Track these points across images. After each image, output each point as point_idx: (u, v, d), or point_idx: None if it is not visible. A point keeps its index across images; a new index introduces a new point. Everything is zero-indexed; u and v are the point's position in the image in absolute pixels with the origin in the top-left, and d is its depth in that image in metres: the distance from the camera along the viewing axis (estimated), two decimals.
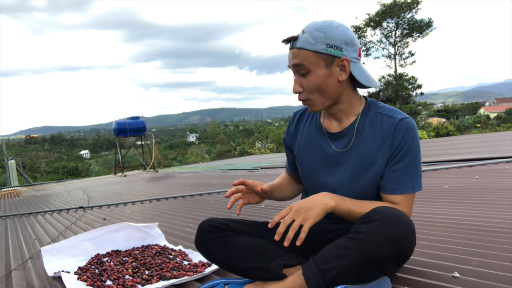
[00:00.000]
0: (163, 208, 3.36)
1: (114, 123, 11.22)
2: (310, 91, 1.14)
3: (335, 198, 1.10)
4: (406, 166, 1.12)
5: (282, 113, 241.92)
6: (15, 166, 13.95)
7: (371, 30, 24.86)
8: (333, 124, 1.23)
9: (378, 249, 0.93)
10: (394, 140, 1.12)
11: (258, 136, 32.64)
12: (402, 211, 1.01)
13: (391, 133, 1.13)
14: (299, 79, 1.14)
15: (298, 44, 1.11)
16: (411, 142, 1.12)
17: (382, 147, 1.14)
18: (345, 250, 0.97)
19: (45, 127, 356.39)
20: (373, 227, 0.96)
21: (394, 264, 0.99)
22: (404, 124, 1.12)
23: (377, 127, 1.15)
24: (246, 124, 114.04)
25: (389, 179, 1.14)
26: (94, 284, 1.39)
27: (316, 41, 1.09)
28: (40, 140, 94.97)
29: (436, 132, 18.23)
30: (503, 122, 33.97)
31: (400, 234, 0.95)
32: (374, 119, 1.17)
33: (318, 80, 1.12)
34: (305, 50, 1.10)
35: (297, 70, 1.13)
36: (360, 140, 1.17)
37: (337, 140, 1.21)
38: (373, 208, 1.03)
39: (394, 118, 1.14)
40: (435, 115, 44.36)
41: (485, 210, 2.02)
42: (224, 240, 1.17)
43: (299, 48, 1.11)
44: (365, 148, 1.16)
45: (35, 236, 2.64)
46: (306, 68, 1.11)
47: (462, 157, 4.84)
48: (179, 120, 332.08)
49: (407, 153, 1.12)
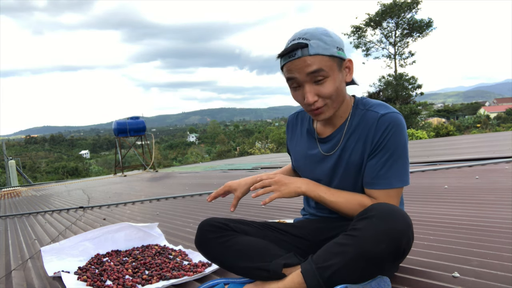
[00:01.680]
0: (163, 208, 3.36)
1: (114, 123, 11.22)
2: (327, 97, 1.11)
3: (310, 185, 1.17)
4: (384, 162, 1.12)
5: (282, 113, 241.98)
6: (15, 166, 13.95)
7: (371, 30, 24.87)
8: (326, 128, 1.24)
9: (375, 246, 0.93)
10: (374, 135, 1.13)
11: (258, 136, 32.65)
12: (398, 206, 1.02)
13: (373, 128, 1.13)
14: (313, 87, 1.10)
15: (312, 51, 1.07)
16: (392, 138, 1.10)
17: (365, 144, 1.15)
18: (343, 247, 0.97)
19: (45, 127, 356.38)
20: (369, 224, 0.96)
21: (393, 259, 0.99)
22: (386, 119, 1.11)
23: (363, 124, 1.16)
24: (246, 124, 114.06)
25: (367, 173, 1.15)
26: (94, 284, 1.39)
27: (329, 45, 1.09)
28: (40, 140, 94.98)
29: (436, 132, 18.23)
30: (503, 122, 33.98)
31: (397, 230, 0.95)
32: (362, 116, 1.18)
33: (336, 84, 1.11)
34: (320, 56, 1.07)
35: (312, 77, 1.09)
36: (347, 142, 1.18)
37: (325, 143, 1.23)
38: (370, 205, 1.04)
39: (377, 113, 1.14)
40: (435, 115, 44.38)
41: (485, 210, 2.02)
42: (224, 240, 1.17)
43: (314, 54, 1.07)
44: (353, 150, 1.17)
45: (35, 236, 2.64)
46: (324, 73, 1.08)
47: (462, 157, 4.84)
48: (179, 120, 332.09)
49: (386, 148, 1.11)
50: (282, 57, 1.12)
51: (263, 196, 3.19)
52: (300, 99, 1.14)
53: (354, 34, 24.99)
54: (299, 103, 1.17)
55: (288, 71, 1.11)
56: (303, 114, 1.35)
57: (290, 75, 1.11)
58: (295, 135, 1.35)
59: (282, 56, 1.12)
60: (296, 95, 1.16)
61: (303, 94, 1.12)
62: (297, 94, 1.15)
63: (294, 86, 1.14)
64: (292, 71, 1.10)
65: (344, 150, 1.19)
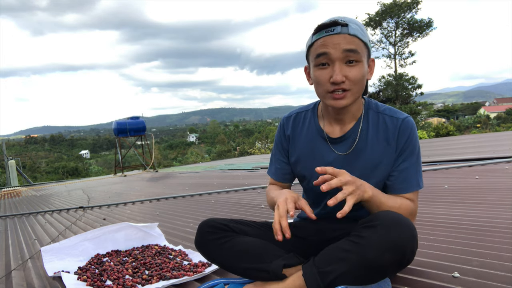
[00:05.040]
0: (163, 208, 3.36)
1: (114, 123, 11.22)
2: (354, 81, 1.06)
3: (373, 189, 1.06)
4: (412, 165, 1.14)
5: (282, 113, 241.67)
6: (15, 166, 13.94)
7: (371, 30, 24.83)
8: (335, 128, 1.20)
9: (379, 255, 0.92)
10: (400, 141, 1.13)
11: (258, 136, 32.60)
12: (403, 215, 1.01)
13: (396, 134, 1.14)
14: (343, 67, 1.05)
15: (352, 31, 1.04)
16: (415, 141, 1.15)
17: (386, 148, 1.14)
18: (346, 253, 0.96)
19: (45, 127, 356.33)
20: (374, 233, 0.95)
21: (396, 268, 0.99)
22: (407, 123, 1.14)
23: (380, 128, 1.15)
24: (246, 124, 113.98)
25: (397, 179, 1.14)
26: (94, 284, 1.39)
27: (365, 33, 1.08)
28: (40, 140, 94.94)
29: (436, 132, 18.21)
30: (503, 122, 33.95)
31: (402, 240, 0.94)
32: (376, 120, 1.17)
33: (363, 72, 1.08)
34: (358, 39, 1.05)
35: (346, 56, 1.04)
36: (364, 142, 1.16)
37: (339, 143, 1.19)
38: (376, 212, 1.03)
39: (397, 119, 1.14)
40: (435, 115, 44.35)
41: (485, 210, 2.02)
42: (224, 241, 1.17)
43: (353, 35, 1.04)
44: (370, 150, 1.15)
45: (35, 236, 2.64)
46: (358, 56, 1.05)
47: (462, 157, 4.84)
48: (179, 120, 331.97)
49: (412, 152, 1.14)
50: (319, 31, 1.07)
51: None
52: (325, 78, 1.07)
53: None
54: (321, 84, 1.09)
55: (322, 46, 1.06)
56: (305, 114, 1.28)
57: (324, 49, 1.05)
58: (296, 135, 1.27)
59: (319, 30, 1.07)
60: (321, 74, 1.08)
61: (331, 72, 1.06)
62: (322, 73, 1.07)
63: (322, 63, 1.07)
64: (327, 46, 1.05)
65: (360, 150, 1.16)
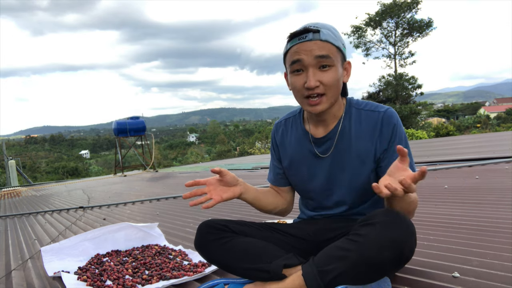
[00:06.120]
0: (163, 208, 3.36)
1: (114, 123, 11.22)
2: (328, 85, 1.10)
3: None
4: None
5: (282, 113, 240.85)
6: (15, 166, 13.94)
7: (371, 30, 24.86)
8: (319, 130, 1.23)
9: (378, 253, 0.93)
10: (384, 132, 1.15)
11: (258, 136, 32.60)
12: (402, 213, 1.00)
13: (379, 126, 1.15)
14: (317, 73, 1.09)
15: (324, 37, 1.08)
16: (401, 129, 1.16)
17: (371, 142, 1.16)
18: (345, 252, 0.97)
19: (45, 127, 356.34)
20: (372, 230, 0.95)
21: (395, 266, 0.99)
22: (389, 114, 1.15)
23: (363, 123, 1.17)
24: (246, 124, 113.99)
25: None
26: (94, 284, 1.39)
27: (337, 38, 1.10)
28: (40, 140, 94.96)
29: (436, 132, 18.21)
30: (503, 122, 33.96)
31: (400, 238, 0.94)
32: (358, 116, 1.19)
33: (337, 76, 1.11)
34: (330, 44, 1.08)
35: (318, 62, 1.08)
36: (347, 140, 1.18)
37: (323, 143, 1.22)
38: (374, 211, 1.03)
39: (378, 112, 1.16)
40: (435, 115, 44.36)
41: (485, 210, 2.02)
42: (223, 241, 1.17)
43: (324, 40, 1.08)
44: (354, 146, 1.17)
45: (35, 236, 2.64)
46: (331, 61, 1.08)
47: (462, 157, 4.84)
48: (179, 120, 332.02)
49: (400, 139, 1.15)
50: (292, 39, 1.11)
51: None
52: (300, 84, 1.11)
53: (354, 34, 24.98)
54: (297, 90, 1.13)
55: (296, 53, 1.10)
56: (293, 119, 1.33)
57: (297, 57, 1.09)
58: (286, 139, 1.32)
59: (292, 38, 1.10)
60: (296, 80, 1.12)
61: (305, 78, 1.10)
62: (297, 79, 1.12)
63: (296, 69, 1.11)
64: (299, 53, 1.09)
65: (344, 148, 1.19)
